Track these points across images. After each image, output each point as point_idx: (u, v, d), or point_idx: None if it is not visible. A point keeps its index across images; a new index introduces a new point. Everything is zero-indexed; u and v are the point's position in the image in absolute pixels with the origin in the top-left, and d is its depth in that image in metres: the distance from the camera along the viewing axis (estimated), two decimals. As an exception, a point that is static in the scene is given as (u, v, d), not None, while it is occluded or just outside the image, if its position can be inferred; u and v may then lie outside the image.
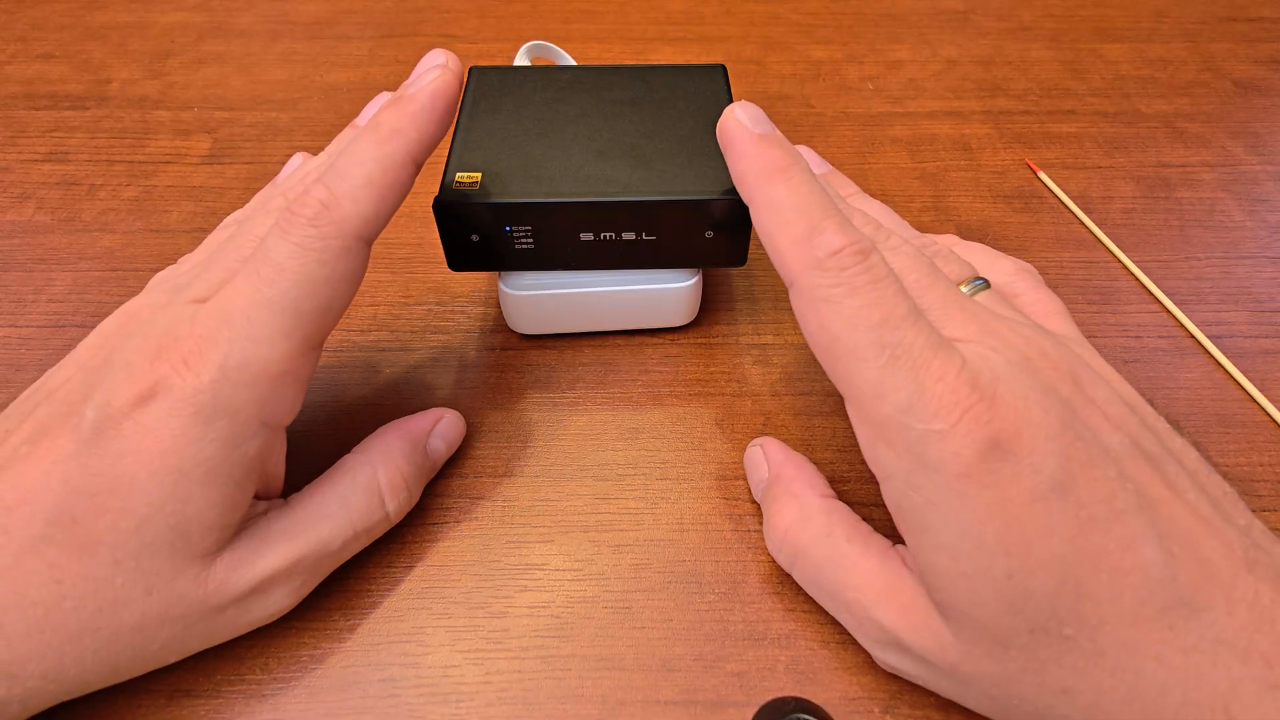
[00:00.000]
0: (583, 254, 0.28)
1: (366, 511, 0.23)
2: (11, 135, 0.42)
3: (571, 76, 0.32)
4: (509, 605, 0.24)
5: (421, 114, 0.22)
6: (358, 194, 0.21)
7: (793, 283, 0.20)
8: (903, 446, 0.19)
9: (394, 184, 0.22)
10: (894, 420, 0.19)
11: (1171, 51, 0.49)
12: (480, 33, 0.50)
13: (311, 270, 0.20)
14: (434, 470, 0.27)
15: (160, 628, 0.20)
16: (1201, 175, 0.40)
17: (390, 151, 0.21)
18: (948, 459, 0.18)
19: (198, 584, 0.20)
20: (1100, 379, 0.21)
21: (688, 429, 0.29)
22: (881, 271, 0.20)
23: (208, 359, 0.20)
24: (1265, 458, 0.28)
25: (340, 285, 0.21)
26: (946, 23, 0.52)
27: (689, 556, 0.25)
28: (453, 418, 0.27)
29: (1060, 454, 0.18)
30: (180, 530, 0.20)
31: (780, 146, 0.22)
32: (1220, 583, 0.17)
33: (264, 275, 0.20)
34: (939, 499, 0.18)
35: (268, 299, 0.20)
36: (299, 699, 0.22)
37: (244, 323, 0.20)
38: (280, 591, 0.22)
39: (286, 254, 0.20)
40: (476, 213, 0.27)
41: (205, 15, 0.52)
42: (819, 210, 0.20)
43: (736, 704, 0.22)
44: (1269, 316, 0.33)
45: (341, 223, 0.21)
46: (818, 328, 0.20)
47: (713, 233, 0.28)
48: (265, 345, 0.20)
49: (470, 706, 0.22)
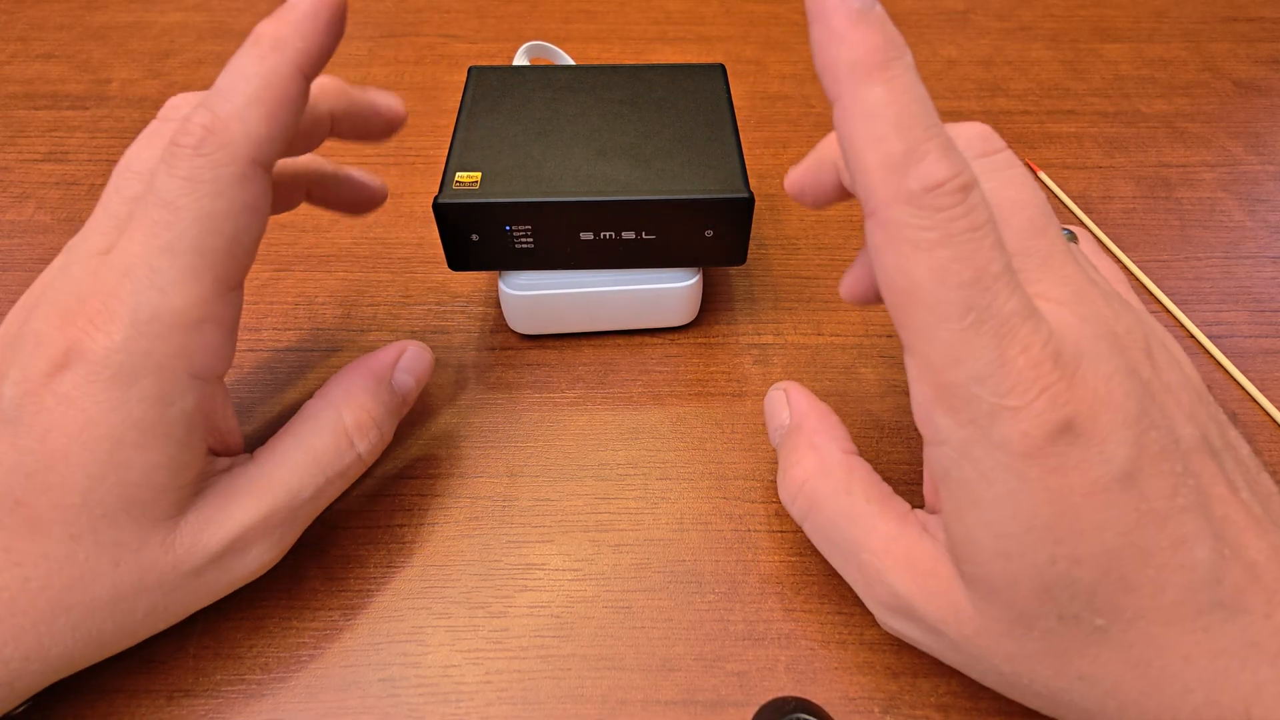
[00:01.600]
0: (582, 253, 0.28)
1: (335, 455, 0.23)
2: (11, 135, 0.42)
3: (571, 76, 0.32)
4: (509, 605, 0.24)
5: (305, 21, 0.20)
6: (245, 113, 0.19)
7: (875, 212, 0.17)
8: (967, 416, 0.17)
9: (283, 99, 0.20)
10: (963, 387, 0.17)
11: (1171, 51, 0.49)
12: (480, 33, 0.50)
13: (207, 205, 0.19)
14: (404, 406, 0.26)
15: (138, 597, 0.20)
16: (1201, 175, 0.40)
17: (275, 64, 0.19)
18: (1015, 437, 0.17)
19: (166, 549, 0.20)
20: (1175, 362, 0.19)
21: (688, 429, 0.29)
22: (982, 217, 0.17)
23: (116, 316, 0.18)
24: (1265, 458, 0.28)
25: (244, 217, 0.19)
26: (946, 23, 0.52)
27: (689, 556, 0.25)
28: (417, 349, 0.26)
29: (1133, 443, 0.17)
30: (130, 498, 0.19)
31: (884, 33, 0.17)
32: (1263, 586, 0.17)
33: (157, 218, 0.19)
34: (996, 476, 0.17)
35: (166, 243, 0.19)
36: (299, 699, 0.22)
37: (146, 272, 0.19)
38: (259, 547, 0.21)
39: (177, 191, 0.19)
40: (476, 212, 0.27)
41: (205, 15, 0.52)
42: (922, 127, 0.17)
43: (736, 704, 0.22)
44: (1269, 316, 0.33)
45: (231, 147, 0.19)
46: (897, 270, 0.17)
47: (712, 232, 0.28)
48: (174, 292, 0.19)
49: (470, 706, 0.22)
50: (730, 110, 0.30)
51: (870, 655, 0.23)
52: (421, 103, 0.44)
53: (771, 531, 0.26)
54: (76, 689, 0.22)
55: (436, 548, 0.26)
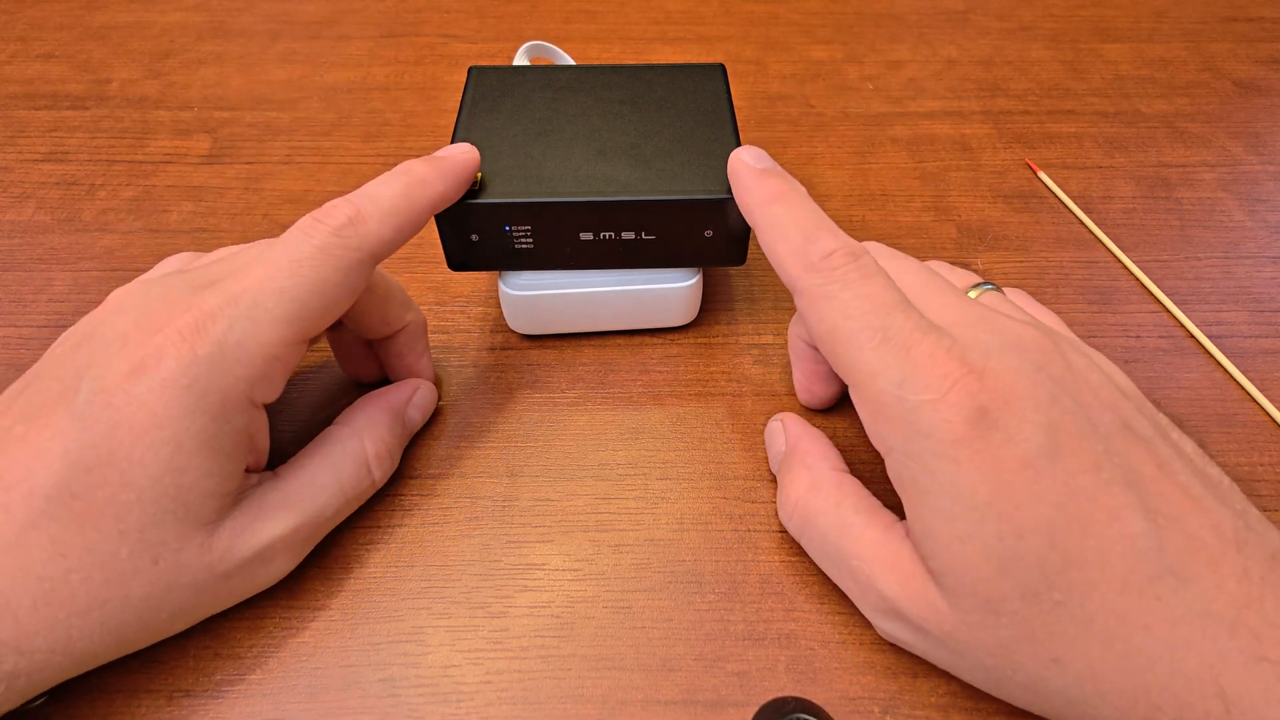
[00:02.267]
0: (582, 253, 0.28)
1: (356, 480, 0.25)
2: (11, 135, 0.42)
3: (571, 76, 0.32)
4: (509, 605, 0.24)
5: (450, 172, 0.25)
6: (383, 219, 0.23)
7: (795, 288, 0.22)
8: (899, 419, 0.20)
9: (413, 221, 0.24)
10: (888, 394, 0.20)
11: (1171, 51, 0.49)
12: (480, 33, 0.50)
13: (327, 273, 0.22)
14: (409, 437, 0.28)
15: (168, 596, 0.21)
16: (1201, 175, 0.40)
17: (418, 194, 0.24)
18: (940, 426, 0.19)
19: (203, 552, 0.21)
20: (1095, 366, 0.21)
21: (688, 429, 0.29)
22: (871, 269, 0.22)
23: (207, 333, 0.20)
24: (1265, 458, 0.28)
25: (345, 294, 0.22)
26: (946, 23, 0.52)
27: (689, 556, 0.25)
28: (427, 389, 0.28)
29: (1048, 425, 0.19)
30: (181, 500, 0.20)
31: (779, 177, 0.25)
32: (1208, 557, 0.18)
33: (281, 266, 0.21)
34: (933, 465, 0.19)
35: (280, 287, 0.21)
36: (299, 699, 0.22)
37: (250, 304, 0.21)
38: (282, 558, 0.23)
39: (307, 254, 0.22)
40: (476, 213, 0.27)
41: (205, 15, 0.52)
42: (812, 222, 0.23)
43: (736, 704, 0.22)
44: (1269, 316, 0.33)
45: (364, 237, 0.23)
46: (817, 322, 0.22)
47: (712, 232, 0.28)
48: (266, 328, 0.21)
49: (470, 706, 0.22)
50: (730, 110, 0.30)
51: (870, 655, 0.23)
52: (421, 103, 0.44)
53: (771, 531, 0.26)
54: (76, 689, 0.22)
55: (436, 548, 0.26)
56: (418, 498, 0.27)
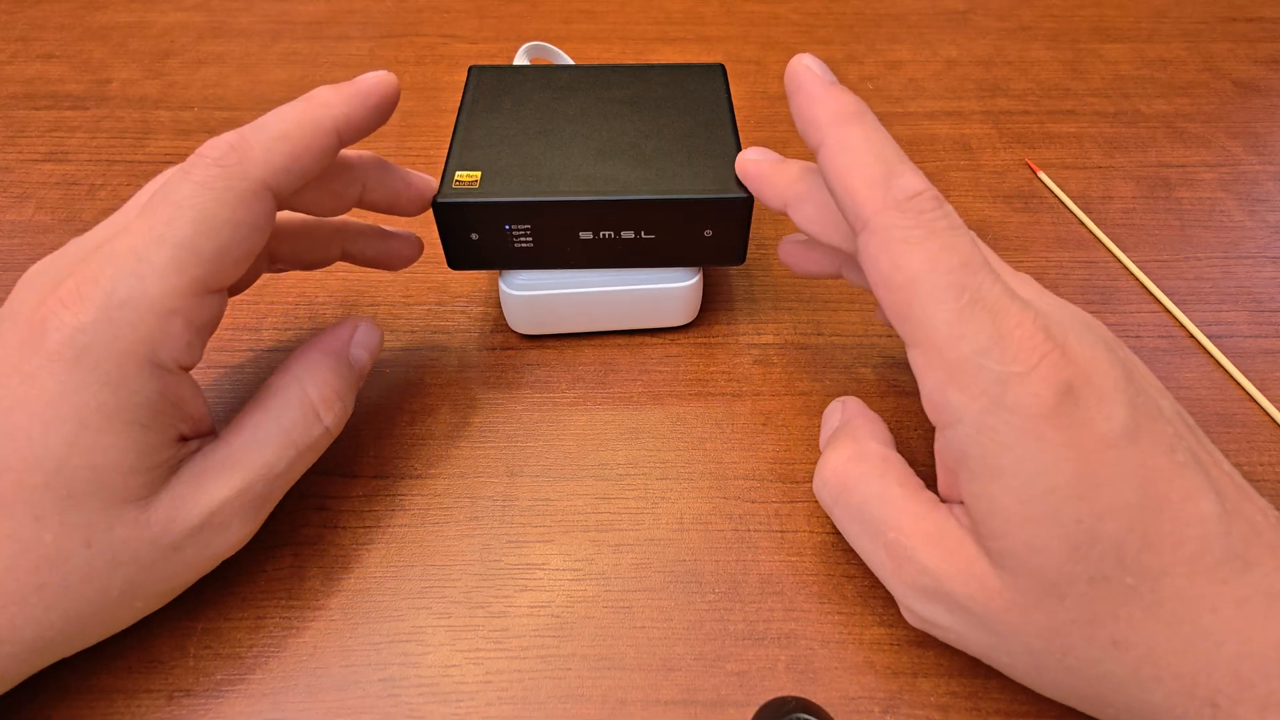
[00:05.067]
0: (582, 253, 0.28)
1: (304, 428, 0.23)
2: (11, 135, 0.42)
3: (570, 76, 0.32)
4: (509, 605, 0.24)
5: (356, 96, 0.23)
6: (271, 144, 0.21)
7: (867, 223, 0.20)
8: (977, 389, 0.18)
9: (310, 146, 0.22)
10: (970, 361, 0.18)
11: (1171, 51, 0.49)
12: (480, 33, 0.50)
13: (211, 209, 0.20)
14: (360, 379, 0.26)
15: (113, 575, 0.20)
16: (1201, 175, 0.40)
17: (315, 116, 0.22)
18: (1027, 400, 0.18)
19: (140, 527, 0.20)
20: (1135, 357, 0.22)
21: (688, 429, 0.29)
22: (958, 220, 0.20)
23: (89, 299, 0.19)
24: (1265, 458, 0.28)
25: (242, 231, 0.20)
26: (946, 23, 0.52)
27: (689, 556, 0.25)
28: (368, 325, 0.27)
29: (1129, 404, 0.18)
30: (98, 480, 0.19)
31: (851, 95, 0.22)
32: (1265, 542, 0.18)
33: (160, 214, 0.20)
34: (1014, 441, 0.18)
35: (160, 235, 0.19)
36: (299, 699, 0.22)
37: (132, 260, 0.19)
38: (237, 521, 0.22)
39: (187, 193, 0.20)
40: (476, 211, 0.27)
41: (205, 15, 0.52)
42: (894, 155, 0.20)
43: (736, 704, 0.22)
44: (1269, 316, 0.33)
45: (248, 164, 0.20)
46: (892, 268, 0.19)
47: (712, 232, 0.28)
48: (153, 281, 0.19)
49: (470, 706, 0.22)
50: (730, 110, 0.30)
51: (870, 655, 0.23)
52: (421, 103, 0.44)
53: (771, 531, 0.26)
54: (76, 689, 0.22)
55: (436, 548, 0.26)
56: (418, 498, 0.27)
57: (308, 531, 0.26)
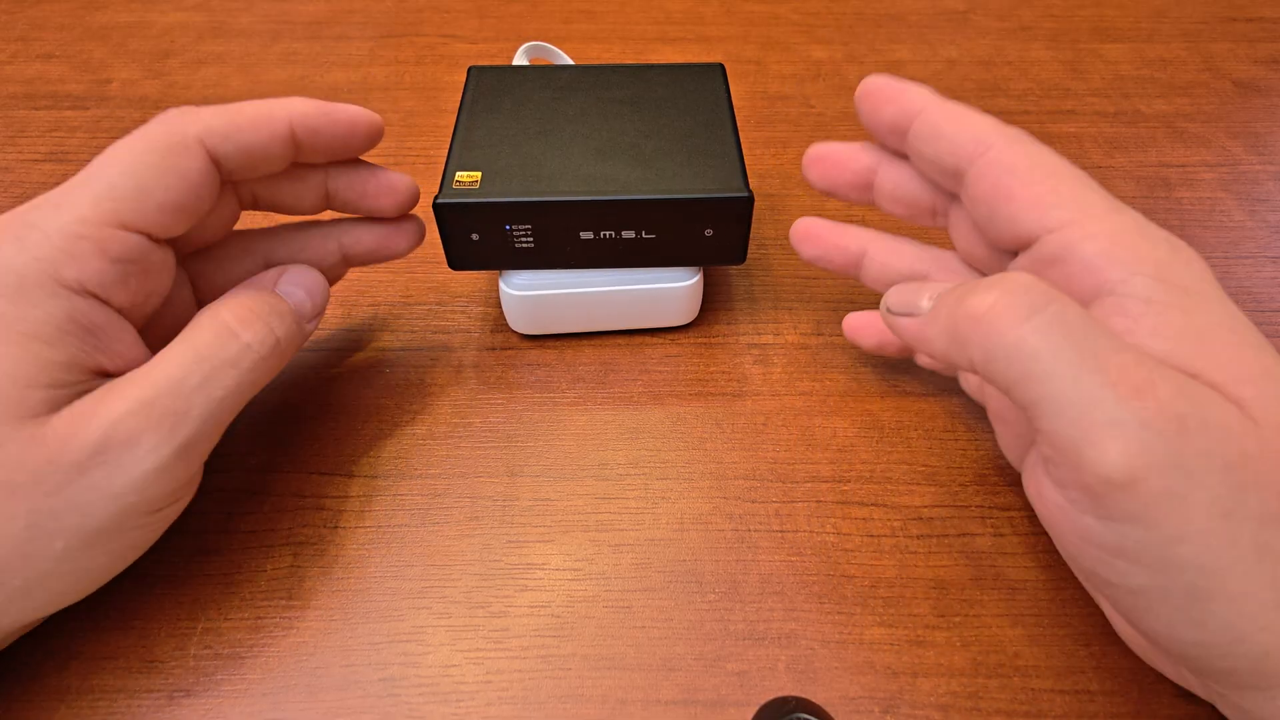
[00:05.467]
0: (582, 253, 0.28)
1: (217, 343, 0.22)
2: (11, 135, 0.42)
3: (570, 76, 0.32)
4: (509, 605, 0.24)
5: (325, 109, 0.24)
6: (217, 111, 0.22)
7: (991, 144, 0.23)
8: (1150, 246, 0.20)
9: (258, 126, 0.23)
10: (1130, 230, 0.20)
11: (1171, 51, 0.49)
12: (480, 33, 0.51)
13: (138, 154, 0.21)
14: (299, 317, 0.25)
15: (11, 499, 0.19)
16: (1201, 175, 0.40)
17: (271, 105, 0.23)
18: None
19: (36, 444, 0.19)
20: None
21: (688, 429, 0.29)
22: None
23: (6, 225, 0.20)
24: (1265, 457, 0.28)
25: (167, 178, 0.21)
26: (946, 23, 0.52)
27: (689, 556, 0.25)
28: (299, 267, 0.26)
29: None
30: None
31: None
32: None
33: (95, 161, 0.21)
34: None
35: (85, 177, 0.21)
36: (299, 699, 0.22)
37: (55, 196, 0.21)
38: (147, 439, 0.20)
39: (123, 143, 0.21)
40: (477, 212, 0.27)
41: (205, 15, 0.52)
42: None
43: (736, 704, 0.22)
44: (1269, 316, 0.33)
45: (185, 123, 0.22)
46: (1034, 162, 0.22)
47: (712, 231, 0.28)
48: (66, 210, 0.20)
49: (470, 706, 0.22)
50: (730, 110, 0.30)
51: (870, 655, 0.23)
52: (422, 103, 0.44)
53: (771, 531, 0.26)
54: (76, 689, 0.22)
55: (436, 548, 0.26)
56: (418, 498, 0.27)
57: (308, 531, 0.26)
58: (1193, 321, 0.19)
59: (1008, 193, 0.21)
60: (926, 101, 0.24)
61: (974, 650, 0.23)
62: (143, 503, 0.20)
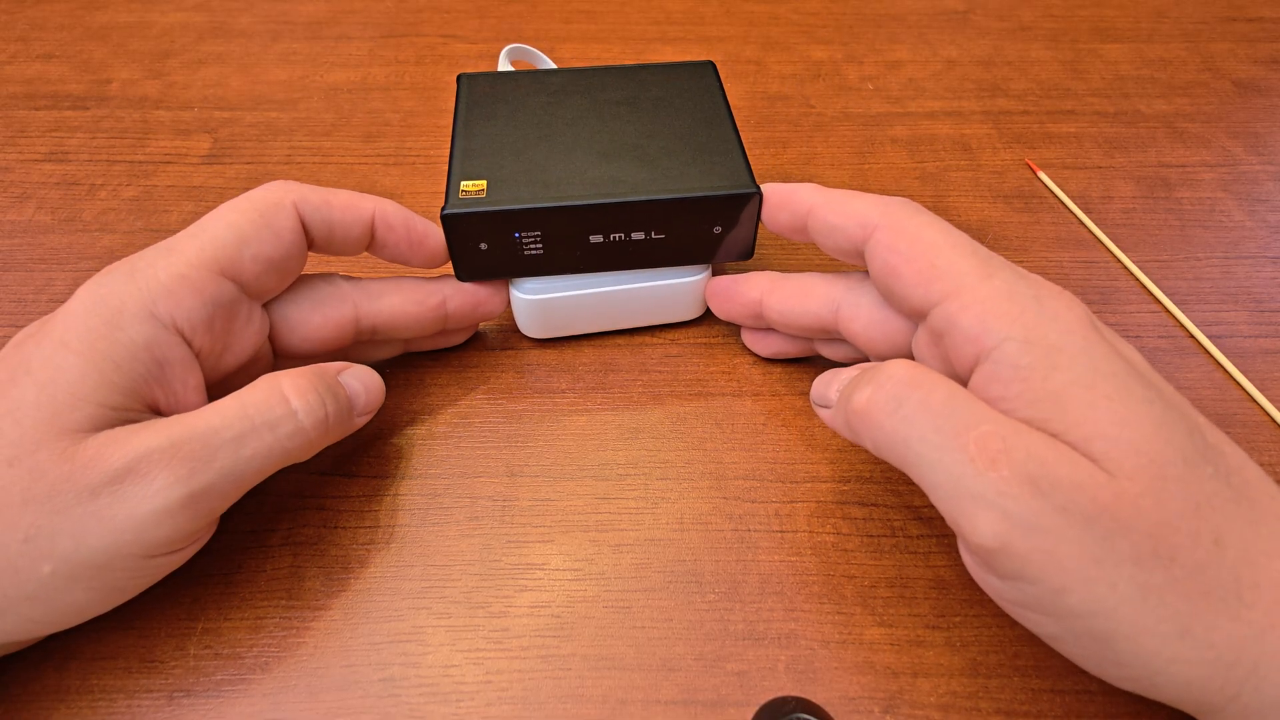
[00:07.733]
0: (592, 256, 0.28)
1: (265, 404, 0.22)
2: (11, 135, 0.42)
3: (563, 79, 0.32)
4: (509, 605, 0.24)
5: (410, 220, 0.27)
6: (314, 188, 0.25)
7: (877, 224, 0.24)
8: (1017, 309, 0.21)
9: (346, 208, 0.25)
10: (1002, 291, 0.21)
11: (1171, 51, 0.49)
12: (480, 33, 0.50)
13: (240, 211, 0.24)
14: (352, 411, 0.25)
15: (23, 509, 0.19)
16: (1201, 175, 0.40)
17: (362, 198, 0.26)
18: (1062, 310, 0.21)
19: (64, 458, 0.19)
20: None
21: (688, 429, 0.29)
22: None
23: (125, 263, 0.22)
24: (1265, 458, 0.28)
25: (263, 233, 0.24)
26: (946, 23, 0.52)
27: (689, 556, 0.25)
28: (364, 367, 0.26)
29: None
30: (48, 393, 0.20)
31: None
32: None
33: (205, 219, 0.24)
34: (1063, 340, 0.20)
35: (195, 226, 0.24)
36: (299, 699, 0.22)
37: (168, 240, 0.23)
38: (163, 477, 0.20)
39: (227, 203, 0.24)
40: (485, 221, 0.27)
41: (205, 15, 0.52)
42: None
43: (736, 704, 0.22)
44: (1269, 316, 0.33)
45: (284, 190, 0.25)
46: (911, 242, 0.23)
47: (721, 227, 0.28)
48: (175, 255, 0.23)
49: (470, 706, 0.22)
50: (726, 106, 0.30)
51: (870, 655, 0.23)
52: (422, 103, 0.44)
53: (771, 531, 0.26)
54: (76, 689, 0.22)
55: (436, 548, 0.26)
56: (418, 498, 0.27)
57: (308, 531, 0.26)
58: (1052, 382, 0.19)
59: (895, 271, 0.23)
60: (814, 201, 0.26)
61: (974, 650, 0.23)
62: (137, 543, 0.20)
